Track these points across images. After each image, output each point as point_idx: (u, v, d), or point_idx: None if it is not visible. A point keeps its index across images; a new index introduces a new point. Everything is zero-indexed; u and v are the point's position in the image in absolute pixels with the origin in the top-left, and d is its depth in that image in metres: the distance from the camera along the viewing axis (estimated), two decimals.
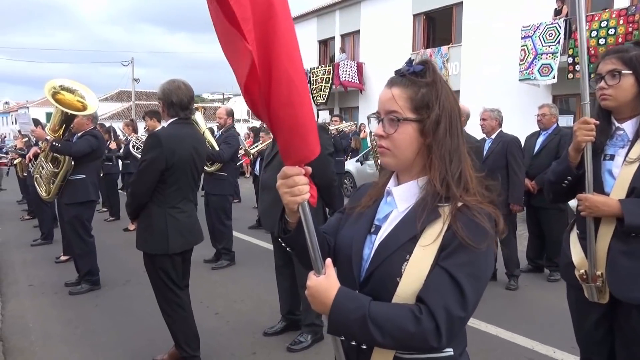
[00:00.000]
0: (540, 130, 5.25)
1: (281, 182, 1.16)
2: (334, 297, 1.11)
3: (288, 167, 1.15)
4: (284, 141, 1.13)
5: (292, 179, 1.14)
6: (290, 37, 1.06)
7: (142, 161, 2.98)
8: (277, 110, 1.09)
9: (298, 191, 1.15)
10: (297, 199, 1.15)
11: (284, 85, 1.06)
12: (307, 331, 3.57)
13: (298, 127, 1.11)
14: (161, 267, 3.08)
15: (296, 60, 1.08)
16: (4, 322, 4.16)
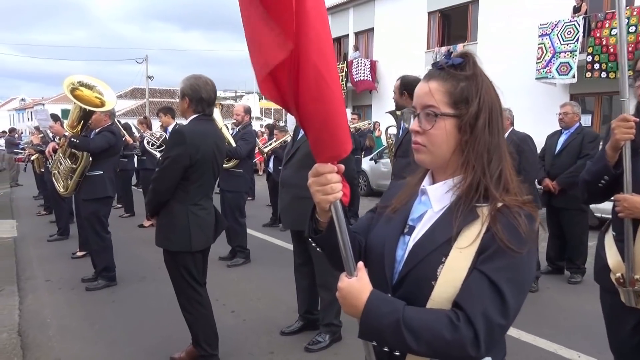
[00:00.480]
0: (561, 129, 5.14)
1: (313, 180, 1.12)
2: (366, 300, 1.07)
3: (320, 164, 1.11)
4: (314, 137, 1.08)
5: (325, 177, 1.10)
6: (321, 28, 1.01)
7: (165, 157, 2.95)
8: (307, 106, 1.04)
9: (330, 189, 1.10)
10: (329, 197, 1.11)
11: (312, 79, 1.01)
12: (326, 331, 3.53)
13: (328, 123, 1.06)
14: (183, 264, 3.06)
15: (327, 54, 1.02)
16: (22, 317, 4.18)
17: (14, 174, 14.92)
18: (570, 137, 5.03)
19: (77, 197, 5.11)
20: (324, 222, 1.20)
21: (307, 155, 3.45)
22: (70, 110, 5.10)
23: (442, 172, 1.18)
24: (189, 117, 3.08)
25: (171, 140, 2.98)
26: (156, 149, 7.45)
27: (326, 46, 1.02)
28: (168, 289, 4.76)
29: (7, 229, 7.72)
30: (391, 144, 6.00)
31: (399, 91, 3.89)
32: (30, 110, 55.40)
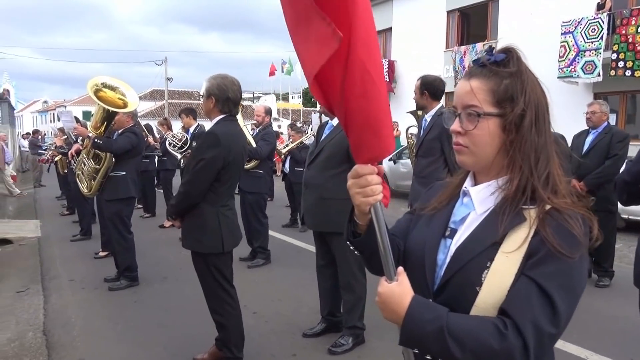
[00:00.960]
0: (589, 128, 5.01)
1: (353, 182, 1.08)
2: (407, 306, 1.03)
3: (360, 165, 1.07)
4: (356, 137, 1.05)
5: (365, 179, 1.06)
6: (368, 24, 0.98)
7: (199, 160, 2.91)
8: (351, 103, 1.01)
9: (371, 191, 1.07)
10: (369, 199, 1.07)
11: (358, 76, 0.98)
12: (349, 333, 3.49)
13: (371, 121, 1.02)
14: (215, 266, 3.05)
15: (373, 50, 0.99)
16: (47, 316, 4.23)
17: (38, 174, 15.21)
18: (598, 137, 4.90)
19: (100, 197, 5.15)
20: (363, 225, 1.16)
21: (331, 157, 3.41)
22: (94, 111, 5.15)
23: (485, 173, 1.13)
24: (215, 118, 3.06)
25: (205, 142, 2.94)
26: (177, 150, 7.49)
27: (373, 42, 0.99)
28: (189, 289, 4.81)
29: (31, 229, 7.85)
30: (412, 144, 5.92)
31: (419, 91, 3.84)
32: (53, 112, 56.47)
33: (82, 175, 5.19)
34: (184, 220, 3.08)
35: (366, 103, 1.00)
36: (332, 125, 3.54)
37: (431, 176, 3.70)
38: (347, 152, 3.35)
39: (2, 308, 4.48)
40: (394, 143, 1.08)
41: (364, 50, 0.97)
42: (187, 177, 2.97)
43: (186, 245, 3.08)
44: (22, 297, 4.73)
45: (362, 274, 3.53)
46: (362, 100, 0.99)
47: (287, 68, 28.92)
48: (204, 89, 3.04)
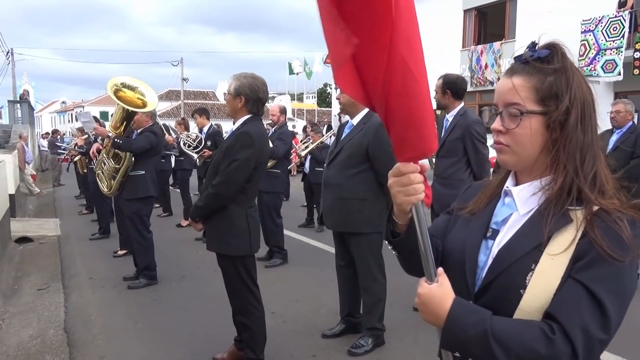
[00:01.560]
0: (613, 128, 4.91)
1: (394, 181, 1.06)
2: (449, 308, 1.00)
3: (402, 163, 1.04)
4: (398, 135, 1.03)
5: (407, 177, 1.03)
6: (410, 20, 0.95)
7: (232, 160, 2.88)
8: (392, 101, 0.98)
9: (413, 190, 1.04)
10: (411, 199, 1.04)
11: (399, 72, 0.95)
12: (369, 335, 3.46)
13: (414, 119, 1.00)
14: (244, 268, 3.04)
15: (415, 46, 0.97)
16: (67, 314, 4.26)
17: (57, 174, 15.43)
18: (623, 137, 4.80)
19: (119, 196, 5.19)
20: (402, 225, 1.14)
21: (351, 156, 3.38)
22: (114, 111, 5.19)
23: (527, 173, 1.10)
24: (241, 117, 3.03)
25: (239, 143, 2.91)
26: (192, 150, 7.53)
27: (415, 39, 0.96)
28: (207, 288, 4.83)
29: (51, 227, 7.96)
30: None
31: (441, 90, 3.79)
32: (71, 112, 57.28)
33: (102, 175, 5.23)
34: (209, 222, 3.03)
35: (408, 101, 0.97)
36: (352, 125, 3.51)
37: (452, 177, 3.66)
38: (366, 152, 3.32)
39: (24, 305, 4.53)
40: (437, 141, 1.05)
41: (405, 47, 0.94)
42: (220, 178, 2.90)
43: (213, 248, 3.03)
44: (43, 294, 4.78)
45: (382, 275, 3.50)
46: (404, 98, 0.97)
47: (307, 71, 28.90)
48: (233, 87, 2.99)
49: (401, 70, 0.95)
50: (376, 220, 3.40)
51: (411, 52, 0.95)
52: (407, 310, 4.14)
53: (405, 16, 0.94)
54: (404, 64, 0.94)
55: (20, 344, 3.71)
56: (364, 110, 3.46)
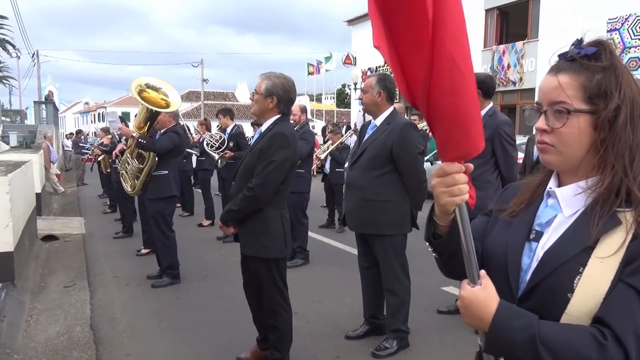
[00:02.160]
0: None
1: (438, 181, 1.03)
2: (494, 312, 0.98)
3: (447, 163, 1.02)
4: (442, 134, 1.00)
5: (452, 177, 1.01)
6: (458, 16, 0.93)
7: (270, 162, 2.86)
8: (437, 99, 0.96)
9: (458, 191, 1.01)
10: (456, 199, 1.02)
11: (446, 70, 0.93)
12: (393, 337, 3.42)
13: (460, 118, 0.97)
14: (278, 270, 3.03)
15: (463, 43, 0.94)
16: (93, 312, 4.32)
17: (80, 173, 15.70)
18: None
19: (143, 196, 5.25)
20: (443, 226, 1.12)
21: (375, 157, 3.35)
22: (138, 112, 5.25)
23: (572, 173, 1.06)
24: (270, 117, 3.01)
25: (275, 144, 2.88)
26: (215, 150, 7.57)
27: (463, 35, 0.94)
28: (229, 288, 4.85)
29: (76, 226, 8.09)
30: None
31: None
32: (94, 113, 58.30)
33: (126, 175, 5.30)
34: (243, 225, 3.00)
35: (455, 99, 0.95)
36: (375, 125, 3.48)
37: (479, 179, 3.59)
38: (390, 152, 3.29)
39: (51, 302, 4.61)
40: (483, 140, 1.02)
41: (453, 44, 0.92)
42: (257, 180, 2.86)
43: (249, 251, 3.01)
44: (69, 292, 4.86)
45: (406, 277, 3.47)
46: (451, 96, 0.95)
47: (326, 67, 28.75)
48: (264, 87, 2.95)
49: (448, 67, 0.93)
50: (400, 222, 3.37)
51: (458, 48, 0.93)
52: (432, 312, 4.09)
53: (452, 10, 0.92)
54: (452, 61, 0.92)
55: (48, 340, 3.77)
56: (388, 110, 3.43)
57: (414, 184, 3.34)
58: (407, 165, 3.30)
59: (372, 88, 3.37)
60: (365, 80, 3.51)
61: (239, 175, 3.03)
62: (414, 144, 3.35)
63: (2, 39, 32.16)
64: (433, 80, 0.94)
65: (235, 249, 6.25)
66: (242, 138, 7.58)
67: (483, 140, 1.01)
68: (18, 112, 27.67)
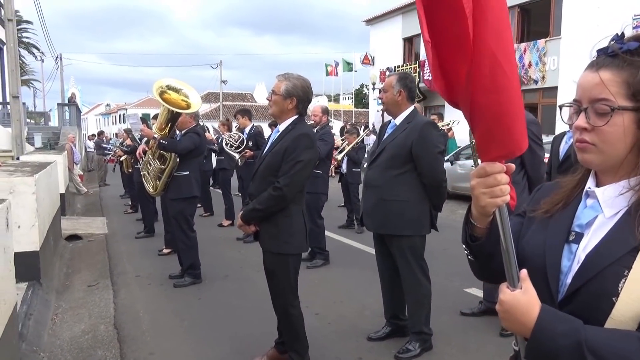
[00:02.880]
0: None
1: (479, 182, 1.00)
2: (536, 317, 0.95)
3: (488, 163, 0.99)
4: (484, 133, 0.97)
5: (494, 178, 0.98)
6: (500, 10, 0.90)
7: (297, 162, 2.90)
8: (479, 97, 0.93)
9: (500, 192, 0.99)
10: (497, 200, 0.99)
11: (487, 68, 0.91)
12: (416, 339, 3.38)
13: (503, 116, 0.95)
14: (294, 267, 3.05)
15: (505, 39, 0.92)
16: (117, 310, 4.38)
17: (102, 174, 15.95)
18: None
19: (164, 196, 5.29)
20: (481, 228, 1.09)
21: (394, 157, 3.32)
22: (159, 113, 5.31)
23: (612, 173, 1.03)
24: (289, 118, 3.03)
25: (301, 144, 2.92)
26: (234, 150, 7.61)
27: (505, 31, 0.91)
28: (250, 288, 4.87)
29: (98, 226, 8.21)
30: (475, 145, 5.73)
31: None
32: (115, 114, 59.23)
33: (147, 176, 5.36)
34: (265, 222, 3.02)
35: (497, 97, 0.92)
36: (394, 125, 3.45)
37: None
38: (409, 152, 3.26)
39: (76, 301, 4.68)
40: (527, 140, 0.99)
41: (494, 39, 0.89)
42: (284, 180, 2.89)
43: (274, 247, 3.01)
44: (93, 291, 4.93)
45: (426, 278, 3.42)
46: (493, 93, 0.92)
47: (347, 66, 28.65)
48: (283, 88, 2.97)
49: (490, 65, 0.90)
50: (419, 223, 3.33)
51: (501, 45, 0.90)
52: (454, 314, 4.04)
53: (494, 5, 0.89)
54: (493, 58, 0.90)
55: (73, 338, 3.83)
56: (408, 109, 3.39)
57: (433, 184, 3.30)
58: (426, 165, 3.26)
59: (392, 87, 3.34)
60: (384, 80, 3.49)
61: (259, 175, 3.05)
62: (434, 143, 3.31)
63: (27, 43, 32.90)
64: (474, 77, 0.92)
65: (256, 249, 6.25)
66: (261, 137, 7.60)
67: (527, 139, 0.98)
68: (42, 114, 28.28)
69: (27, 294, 4.29)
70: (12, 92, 11.22)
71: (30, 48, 33.83)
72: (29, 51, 33.45)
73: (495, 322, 3.85)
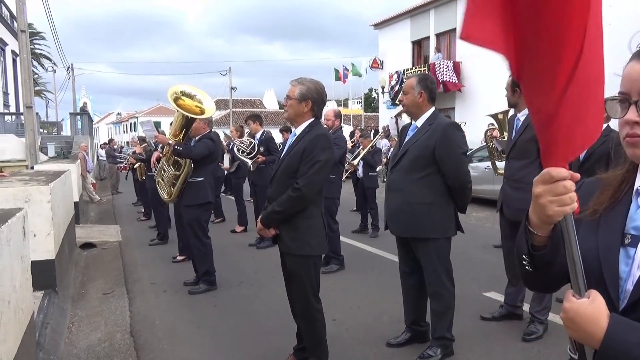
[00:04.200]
0: None
1: (545, 189, 0.93)
2: (606, 327, 0.89)
3: (555, 169, 0.92)
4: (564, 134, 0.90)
5: (563, 186, 0.91)
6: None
7: (315, 162, 2.90)
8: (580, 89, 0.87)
9: (570, 200, 0.92)
10: (566, 209, 0.93)
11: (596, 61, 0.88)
12: (437, 344, 3.31)
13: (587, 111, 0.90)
14: (316, 269, 3.03)
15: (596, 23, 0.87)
16: (132, 318, 4.35)
17: (115, 182, 16.04)
18: None
19: (178, 203, 5.28)
20: (542, 237, 1.02)
21: (416, 159, 3.27)
22: (173, 119, 5.30)
23: None
24: (304, 121, 3.03)
25: (318, 145, 2.92)
26: (246, 156, 7.60)
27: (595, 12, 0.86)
28: (266, 294, 4.82)
29: (112, 234, 8.23)
30: (492, 148, 5.66)
31: (511, 88, 3.63)
32: (126, 123, 59.75)
33: (162, 182, 5.34)
34: (285, 224, 2.99)
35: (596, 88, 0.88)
36: (416, 127, 3.40)
37: (524, 180, 3.46)
38: (432, 154, 3.21)
39: (91, 309, 4.67)
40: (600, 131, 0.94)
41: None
42: (303, 181, 2.88)
43: (295, 249, 2.98)
44: (108, 298, 4.92)
45: (450, 282, 3.36)
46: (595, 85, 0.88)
47: (356, 71, 28.57)
48: (298, 92, 2.98)
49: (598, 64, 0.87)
50: (444, 225, 3.28)
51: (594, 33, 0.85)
52: (475, 319, 3.96)
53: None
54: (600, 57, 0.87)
55: (90, 347, 3.81)
56: (429, 111, 3.35)
57: (457, 185, 3.25)
58: (450, 167, 3.21)
59: (412, 89, 3.30)
60: (405, 82, 3.43)
61: (278, 178, 3.04)
62: (458, 144, 3.26)
63: (39, 54, 33.34)
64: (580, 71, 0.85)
65: (269, 255, 6.24)
66: (272, 142, 7.59)
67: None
68: (54, 124, 28.58)
69: (44, 302, 4.28)
70: (25, 103, 11.33)
71: (42, 59, 34.29)
72: (39, 62, 33.89)
73: (517, 327, 3.77)
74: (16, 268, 2.77)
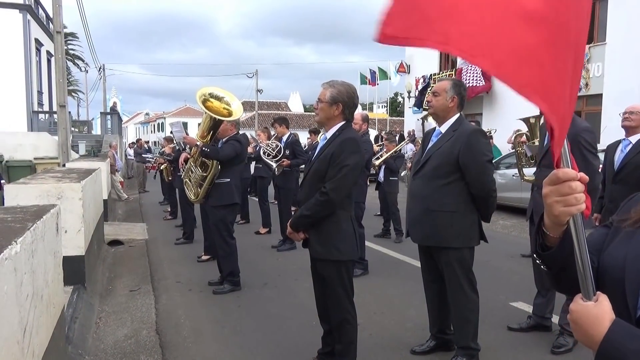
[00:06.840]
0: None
1: (552, 189, 0.95)
2: (606, 330, 0.89)
3: (562, 170, 0.94)
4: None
5: (568, 186, 0.93)
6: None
7: (343, 166, 2.88)
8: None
9: (575, 200, 0.93)
10: (572, 209, 0.94)
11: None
12: (462, 354, 3.26)
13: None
14: (348, 274, 3.01)
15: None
16: (158, 316, 4.42)
17: (142, 180, 16.33)
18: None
19: (205, 203, 5.33)
20: (554, 237, 1.03)
21: (440, 166, 3.22)
22: (201, 120, 5.37)
23: None
24: (335, 124, 3.01)
25: (347, 149, 2.91)
26: (272, 159, 7.63)
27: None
28: (290, 296, 4.84)
29: (139, 232, 8.38)
30: (521, 153, 5.57)
31: None
32: (153, 123, 60.83)
33: (189, 183, 5.42)
34: (313, 229, 3.00)
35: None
36: (439, 132, 3.35)
37: None
38: (456, 161, 3.16)
39: (118, 305, 4.75)
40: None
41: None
42: (331, 184, 2.88)
43: (323, 254, 2.98)
44: (134, 295, 5.00)
45: (473, 291, 3.29)
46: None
47: (383, 75, 28.39)
48: (329, 95, 2.97)
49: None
50: (467, 234, 3.22)
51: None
52: (502, 329, 3.89)
53: None
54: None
55: (117, 342, 3.87)
56: (454, 116, 3.30)
57: (482, 194, 3.19)
58: (474, 174, 3.15)
59: (445, 92, 3.25)
60: (436, 84, 3.39)
61: (307, 182, 3.04)
62: (483, 152, 3.20)
63: (73, 55, 34.25)
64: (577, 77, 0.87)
65: (293, 258, 6.26)
66: (298, 145, 7.61)
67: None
68: (85, 123, 29.29)
69: (73, 297, 4.38)
70: (59, 102, 11.62)
71: (75, 60, 35.24)
72: (73, 62, 34.81)
73: (545, 339, 3.68)
74: (49, 263, 2.84)
